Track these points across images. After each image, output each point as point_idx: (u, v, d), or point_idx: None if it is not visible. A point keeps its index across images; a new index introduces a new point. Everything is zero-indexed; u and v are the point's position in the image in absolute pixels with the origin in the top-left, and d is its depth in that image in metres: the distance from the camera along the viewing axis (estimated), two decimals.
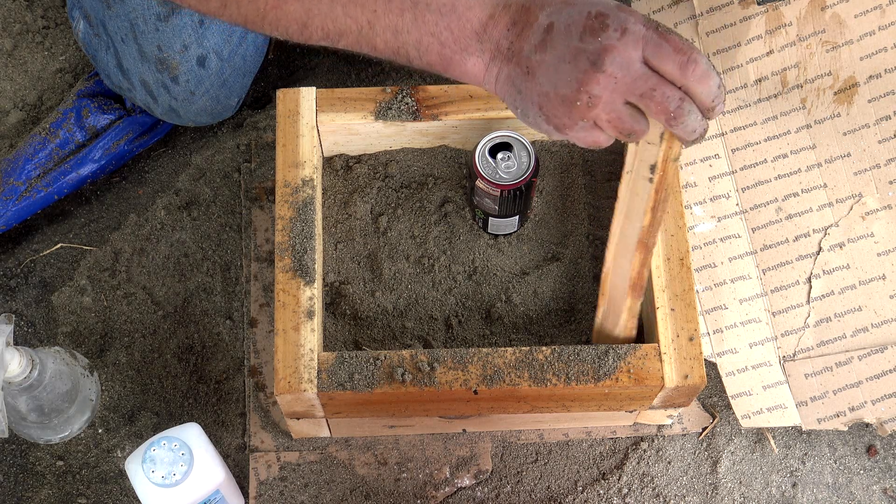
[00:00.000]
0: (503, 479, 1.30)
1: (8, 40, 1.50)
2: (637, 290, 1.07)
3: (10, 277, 1.38)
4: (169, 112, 1.35)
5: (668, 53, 0.82)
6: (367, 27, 0.87)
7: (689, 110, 0.83)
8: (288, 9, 0.88)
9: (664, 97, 0.83)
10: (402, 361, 1.10)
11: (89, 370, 1.31)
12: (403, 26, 0.87)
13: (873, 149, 1.42)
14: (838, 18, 1.45)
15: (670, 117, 0.83)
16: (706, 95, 0.84)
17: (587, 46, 0.82)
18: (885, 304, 1.35)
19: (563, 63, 0.83)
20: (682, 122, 0.84)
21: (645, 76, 0.82)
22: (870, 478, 1.32)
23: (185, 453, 1.10)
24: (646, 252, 1.02)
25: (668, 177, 0.94)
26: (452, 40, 0.87)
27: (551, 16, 0.84)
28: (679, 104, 0.83)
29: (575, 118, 0.84)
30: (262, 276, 1.37)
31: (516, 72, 0.85)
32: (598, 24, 0.82)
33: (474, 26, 0.86)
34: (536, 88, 0.85)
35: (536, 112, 0.86)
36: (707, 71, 0.83)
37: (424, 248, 1.23)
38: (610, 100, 0.83)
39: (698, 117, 0.84)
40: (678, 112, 0.83)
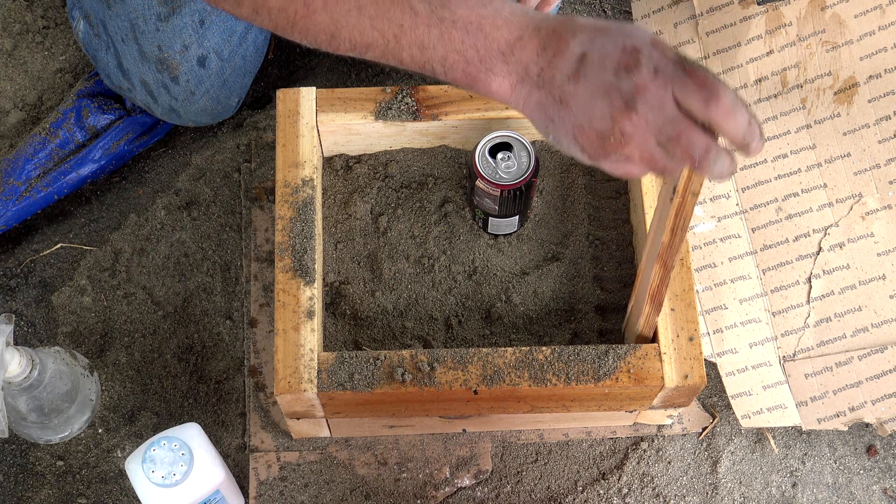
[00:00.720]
0: (503, 479, 1.30)
1: (8, 40, 1.50)
2: (656, 302, 1.07)
3: (10, 277, 1.38)
4: (169, 112, 1.35)
5: (692, 90, 0.82)
6: (394, 41, 0.88)
7: (714, 158, 0.83)
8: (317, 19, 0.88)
9: (690, 144, 0.82)
10: (402, 361, 1.10)
11: (89, 370, 1.31)
12: (430, 42, 0.87)
13: (873, 149, 1.42)
14: (838, 18, 1.45)
15: (695, 164, 0.84)
16: (735, 131, 0.83)
17: (621, 84, 0.82)
18: (885, 304, 1.35)
19: (597, 98, 0.83)
20: (708, 168, 0.84)
21: (674, 121, 0.82)
22: (870, 478, 1.32)
23: (185, 453, 1.10)
24: (664, 269, 1.02)
25: (686, 207, 0.95)
26: (478, 59, 0.86)
27: (584, 44, 0.84)
28: (704, 153, 0.83)
29: (608, 151, 0.85)
30: (262, 276, 1.37)
31: (549, 100, 0.85)
32: (632, 61, 0.82)
33: (501, 46, 0.86)
34: (570, 119, 0.85)
35: (571, 141, 0.86)
36: (732, 107, 0.82)
37: (424, 248, 1.23)
38: (642, 139, 0.83)
39: (725, 164, 0.84)
40: (703, 160, 0.83)
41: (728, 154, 0.84)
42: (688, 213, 0.95)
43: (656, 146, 0.84)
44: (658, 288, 1.05)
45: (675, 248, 1.00)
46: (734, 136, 0.83)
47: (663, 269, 1.02)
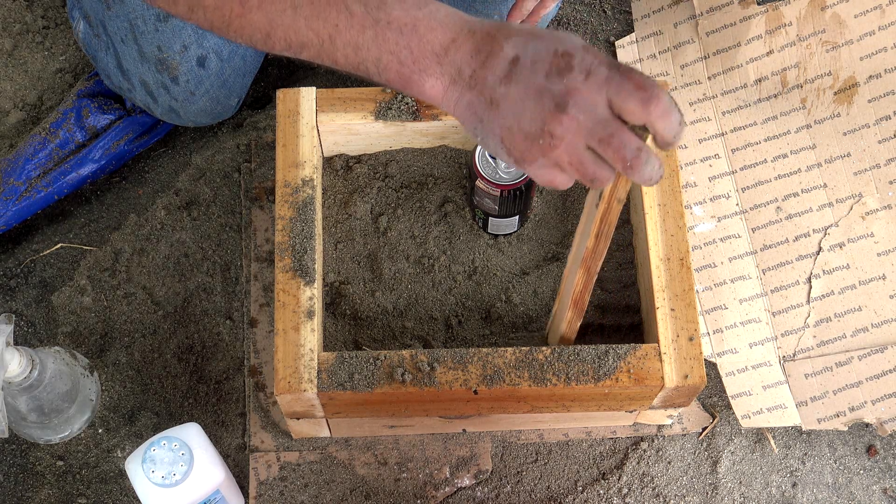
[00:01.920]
0: (503, 479, 1.30)
1: (8, 40, 1.50)
2: (578, 307, 1.07)
3: (10, 277, 1.38)
4: (169, 112, 1.35)
5: (630, 91, 0.82)
6: (329, 42, 0.88)
7: (645, 160, 0.84)
8: (252, 18, 0.89)
9: (622, 145, 0.83)
10: (402, 361, 1.10)
11: (89, 370, 1.31)
12: (364, 43, 0.87)
13: (873, 149, 1.42)
14: (838, 18, 1.45)
15: (626, 166, 0.84)
16: (668, 131, 0.84)
17: (552, 87, 0.83)
18: (885, 304, 1.35)
19: (527, 100, 0.83)
20: (639, 171, 0.84)
21: (606, 121, 0.83)
22: (870, 478, 1.32)
23: (185, 453, 1.10)
24: (587, 275, 1.02)
25: (611, 213, 0.95)
26: (412, 60, 0.87)
27: (517, 48, 0.84)
28: (636, 154, 0.83)
29: (535, 155, 0.85)
30: (262, 276, 1.37)
31: (479, 101, 0.86)
32: (564, 64, 0.83)
33: (435, 48, 0.86)
34: (500, 121, 0.85)
35: (498, 143, 0.86)
36: (669, 108, 0.83)
37: (424, 248, 1.23)
38: (572, 142, 0.83)
39: (655, 166, 0.85)
40: (635, 161, 0.83)
41: (657, 158, 0.84)
42: (612, 220, 0.96)
43: (586, 150, 0.84)
44: (581, 294, 1.05)
45: (600, 255, 1.00)
46: (666, 136, 0.84)
47: (587, 276, 1.02)
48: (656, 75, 1.48)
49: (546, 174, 0.86)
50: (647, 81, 0.82)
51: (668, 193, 1.17)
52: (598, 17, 1.54)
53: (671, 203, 1.17)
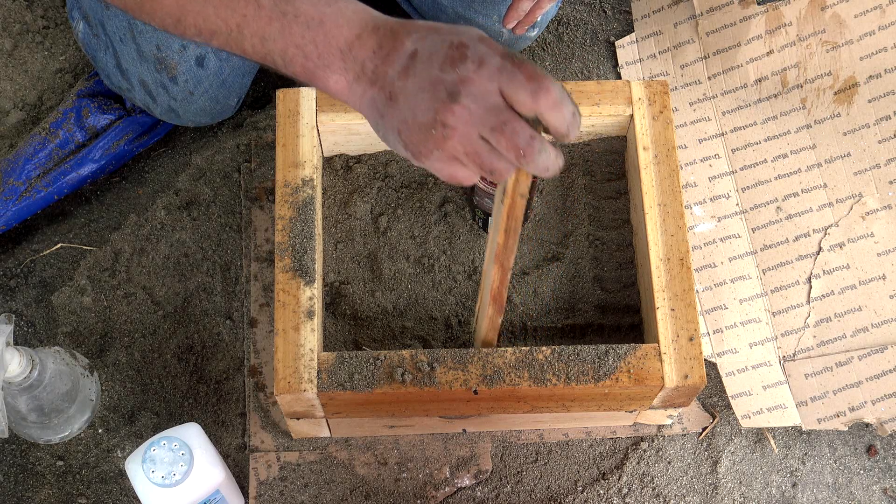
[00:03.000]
0: (503, 479, 1.30)
1: (8, 40, 1.50)
2: (497, 303, 1.07)
3: (10, 277, 1.38)
4: (168, 112, 1.35)
5: (520, 82, 0.82)
6: (237, 31, 0.89)
7: (539, 149, 0.83)
8: (164, 2, 0.90)
9: (514, 133, 0.83)
10: (402, 361, 1.10)
11: (89, 370, 1.31)
12: (271, 34, 0.88)
13: (873, 149, 1.42)
14: (838, 18, 1.45)
15: (520, 154, 0.84)
16: (560, 123, 0.84)
17: (446, 77, 0.83)
18: (885, 304, 1.35)
19: (422, 92, 0.84)
20: (532, 159, 0.84)
21: (497, 109, 0.83)
22: (870, 478, 1.32)
23: (185, 453, 1.10)
24: (502, 271, 1.02)
25: (516, 209, 0.95)
26: (317, 55, 0.87)
27: (416, 42, 0.85)
28: (529, 142, 0.83)
29: (430, 147, 0.85)
30: (262, 276, 1.37)
31: (380, 96, 0.86)
32: (458, 55, 0.83)
33: (340, 44, 0.87)
34: (397, 115, 0.86)
35: (396, 137, 0.87)
36: (559, 99, 0.83)
37: (424, 248, 1.23)
38: (465, 132, 0.83)
39: (551, 156, 0.84)
40: (528, 149, 0.83)
41: (553, 148, 0.84)
42: (518, 215, 0.95)
43: (480, 140, 0.83)
44: (498, 290, 1.05)
45: (511, 250, 1.00)
46: (559, 127, 0.84)
47: (501, 271, 1.02)
48: (656, 75, 1.48)
49: (445, 168, 0.86)
50: (539, 73, 0.82)
51: (668, 193, 1.17)
52: (598, 17, 1.54)
53: (671, 203, 1.17)
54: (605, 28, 1.54)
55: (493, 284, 1.04)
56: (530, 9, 1.21)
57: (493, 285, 1.04)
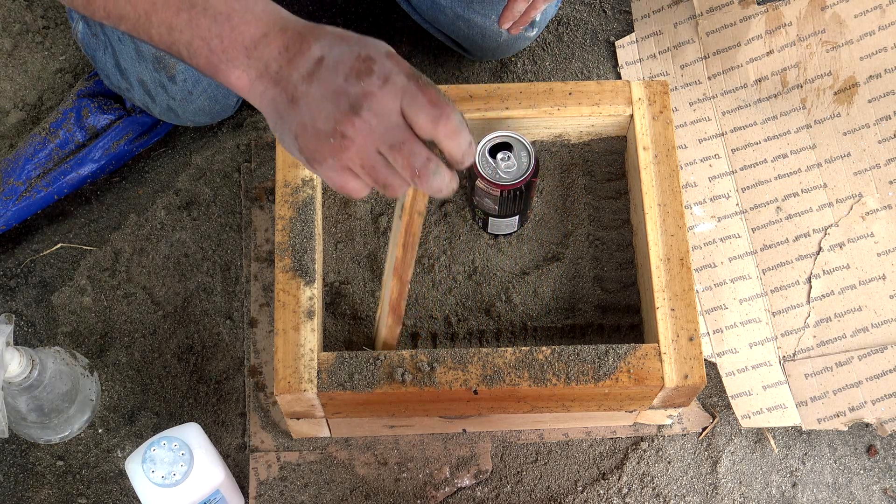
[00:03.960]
0: (503, 479, 1.30)
1: (8, 40, 1.50)
2: (395, 313, 1.08)
3: (10, 277, 1.38)
4: (167, 112, 1.35)
5: (422, 106, 0.83)
6: (144, 18, 0.89)
7: (434, 171, 0.84)
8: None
9: (411, 153, 0.84)
10: (402, 361, 1.10)
11: (89, 370, 1.31)
12: (177, 25, 0.88)
13: (873, 149, 1.42)
14: (838, 18, 1.45)
15: (415, 174, 0.84)
16: (455, 151, 0.85)
17: (350, 88, 0.83)
18: (885, 304, 1.35)
19: (325, 100, 0.84)
20: (427, 181, 0.85)
21: (397, 128, 0.83)
22: (870, 478, 1.32)
23: (185, 453, 1.10)
24: (400, 283, 1.04)
25: (413, 225, 0.96)
26: (221, 49, 0.87)
27: (324, 49, 0.85)
28: (425, 163, 0.84)
29: (325, 155, 0.85)
30: (262, 276, 1.37)
31: (281, 97, 0.86)
32: (365, 68, 0.83)
33: (245, 41, 0.87)
34: (297, 118, 0.86)
35: (292, 140, 0.87)
36: (458, 128, 0.84)
37: (424, 248, 1.23)
38: (363, 145, 0.84)
39: (445, 178, 0.85)
40: (423, 171, 0.84)
41: (449, 171, 0.85)
42: (416, 231, 0.97)
43: (376, 154, 0.84)
44: (397, 301, 1.06)
45: (408, 264, 1.01)
46: (454, 155, 0.85)
47: (400, 284, 1.04)
48: (656, 75, 1.48)
49: (336, 177, 0.86)
50: (441, 100, 0.83)
51: (668, 193, 1.17)
52: (598, 17, 1.54)
53: (671, 203, 1.17)
54: (605, 28, 1.54)
55: (392, 296, 1.05)
56: (525, 10, 1.21)
57: (391, 296, 1.06)
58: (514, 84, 1.22)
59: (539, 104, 1.21)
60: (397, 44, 1.52)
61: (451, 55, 1.51)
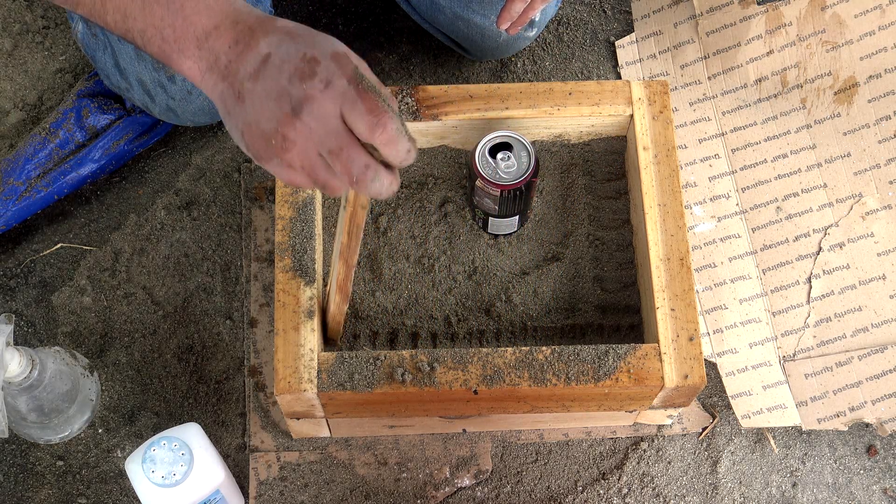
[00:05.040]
0: (503, 479, 1.30)
1: (8, 40, 1.50)
2: (342, 292, 1.09)
3: (10, 277, 1.38)
4: (167, 112, 1.35)
5: (360, 113, 0.83)
6: (100, 4, 0.89)
7: (372, 177, 0.84)
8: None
9: (349, 159, 0.84)
10: (402, 361, 1.10)
11: (89, 370, 1.31)
12: (132, 12, 0.88)
13: (873, 149, 1.42)
14: (838, 18, 1.45)
15: (353, 180, 0.85)
16: (393, 158, 0.85)
17: (292, 90, 0.83)
18: (885, 304, 1.35)
19: (268, 99, 0.84)
20: (365, 186, 0.85)
21: (336, 133, 0.83)
22: (870, 478, 1.32)
23: (185, 453, 1.10)
24: (346, 266, 1.05)
25: (357, 217, 0.97)
26: (173, 38, 0.88)
27: (271, 46, 0.85)
28: (363, 170, 0.84)
29: (270, 154, 0.86)
30: (262, 276, 1.37)
31: (228, 92, 0.87)
32: (308, 70, 0.83)
33: (197, 31, 0.87)
34: (243, 116, 0.86)
35: (239, 137, 0.88)
36: (394, 136, 0.83)
37: (424, 248, 1.23)
38: (304, 147, 0.84)
39: (384, 183, 0.85)
40: (361, 177, 0.84)
41: (389, 174, 0.85)
42: (359, 222, 0.98)
43: (317, 157, 0.84)
44: (343, 282, 1.07)
45: (353, 250, 1.02)
46: (392, 161, 0.85)
47: (346, 267, 1.05)
48: (656, 75, 1.48)
49: (284, 174, 0.87)
50: (380, 107, 0.83)
51: (668, 193, 1.17)
52: (598, 17, 1.54)
53: (671, 203, 1.17)
54: (605, 28, 1.54)
55: (339, 277, 1.07)
56: (523, 10, 1.21)
57: (339, 278, 1.07)
58: (514, 84, 1.22)
59: (539, 104, 1.21)
60: (397, 44, 1.52)
61: (451, 55, 1.51)
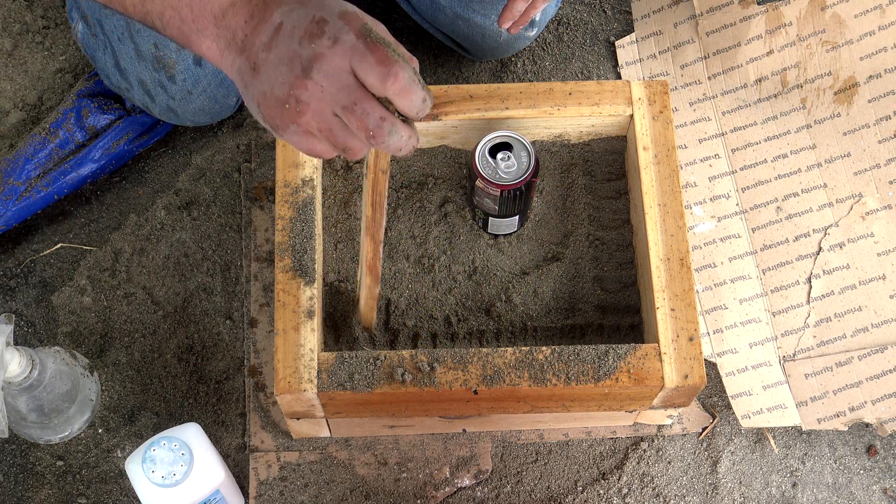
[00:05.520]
0: (503, 479, 1.30)
1: (8, 40, 1.50)
2: (373, 273, 1.08)
3: (10, 277, 1.38)
4: (167, 112, 1.35)
5: (370, 65, 0.82)
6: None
7: (389, 130, 0.84)
8: None
9: (363, 113, 0.83)
10: (402, 361, 1.10)
11: (89, 370, 1.31)
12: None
13: (873, 149, 1.42)
14: (838, 18, 1.45)
15: (370, 135, 0.84)
16: (408, 108, 0.84)
17: (302, 52, 0.83)
18: (885, 304, 1.35)
19: (281, 65, 0.84)
20: (383, 140, 0.84)
21: (348, 89, 0.83)
22: (870, 478, 1.32)
23: (185, 453, 1.10)
24: (373, 243, 1.04)
25: (379, 185, 0.97)
26: (192, 19, 0.88)
27: (283, 15, 0.85)
28: (379, 123, 0.83)
29: (286, 121, 0.85)
30: (262, 276, 1.37)
31: (245, 66, 0.86)
32: (317, 30, 0.83)
33: (214, 10, 0.87)
34: (258, 86, 0.86)
35: (256, 108, 0.87)
36: (408, 85, 0.83)
37: (424, 248, 1.23)
38: (318, 108, 0.84)
39: (402, 136, 0.85)
40: (378, 131, 0.84)
41: (407, 127, 0.85)
42: (382, 190, 0.97)
43: (333, 117, 0.84)
44: (372, 261, 1.06)
45: (379, 223, 1.01)
46: (408, 112, 0.84)
47: (373, 243, 1.04)
48: (656, 75, 1.48)
49: (302, 142, 0.86)
50: (389, 57, 0.82)
51: (668, 193, 1.17)
52: (598, 17, 1.54)
53: (671, 203, 1.17)
54: (605, 28, 1.54)
55: (367, 256, 1.06)
56: (525, 9, 1.21)
57: (367, 257, 1.06)
58: (514, 84, 1.22)
59: (539, 104, 1.21)
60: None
61: (451, 55, 1.51)
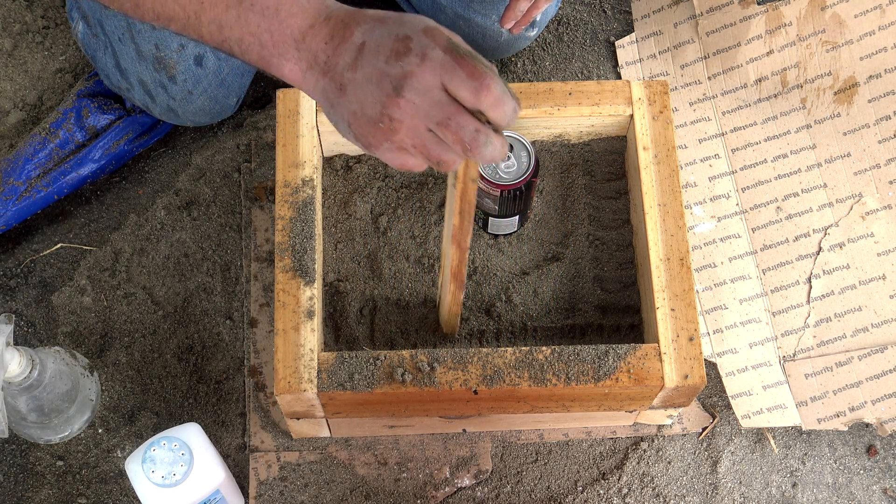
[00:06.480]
0: (503, 479, 1.30)
1: (8, 40, 1.50)
2: (457, 280, 1.09)
3: (10, 277, 1.38)
4: (167, 112, 1.35)
5: (462, 79, 0.83)
6: (194, 18, 0.90)
7: (484, 141, 0.84)
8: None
9: (459, 127, 0.84)
10: (402, 361, 1.10)
11: (89, 370, 1.31)
12: (227, 22, 0.89)
13: (873, 149, 1.42)
14: (838, 18, 1.45)
15: (465, 147, 0.85)
16: (501, 118, 0.85)
17: (390, 70, 0.84)
18: (885, 304, 1.35)
19: (370, 84, 0.85)
20: (479, 151, 0.85)
21: (441, 104, 0.84)
22: (870, 478, 1.32)
23: (185, 453, 1.10)
24: (460, 250, 1.04)
25: (468, 193, 0.97)
26: (272, 44, 0.88)
27: (365, 34, 0.86)
28: (474, 135, 0.84)
29: (380, 139, 0.86)
30: (262, 276, 1.37)
31: (330, 86, 0.87)
32: (403, 48, 0.84)
33: (294, 33, 0.88)
34: (347, 106, 0.87)
35: (346, 128, 0.88)
36: (501, 97, 0.84)
37: (424, 248, 1.23)
38: (412, 125, 0.85)
39: (496, 147, 0.85)
40: (473, 143, 0.84)
41: (499, 136, 0.85)
42: (471, 199, 0.97)
43: (427, 132, 0.85)
44: (458, 268, 1.07)
45: (466, 231, 1.01)
46: (500, 123, 0.85)
47: (459, 251, 1.04)
48: (656, 75, 1.48)
49: (396, 158, 0.87)
50: (479, 70, 0.83)
51: (668, 193, 1.17)
52: (598, 17, 1.54)
53: (671, 203, 1.17)
54: (605, 28, 1.54)
55: (453, 263, 1.06)
56: (527, 9, 1.21)
57: (452, 264, 1.06)
58: (514, 84, 1.22)
59: (539, 104, 1.21)
60: None
61: None
